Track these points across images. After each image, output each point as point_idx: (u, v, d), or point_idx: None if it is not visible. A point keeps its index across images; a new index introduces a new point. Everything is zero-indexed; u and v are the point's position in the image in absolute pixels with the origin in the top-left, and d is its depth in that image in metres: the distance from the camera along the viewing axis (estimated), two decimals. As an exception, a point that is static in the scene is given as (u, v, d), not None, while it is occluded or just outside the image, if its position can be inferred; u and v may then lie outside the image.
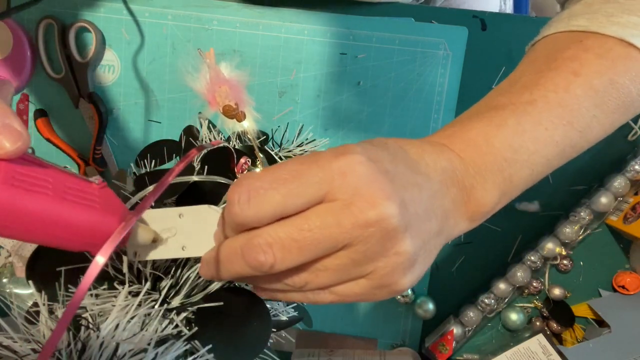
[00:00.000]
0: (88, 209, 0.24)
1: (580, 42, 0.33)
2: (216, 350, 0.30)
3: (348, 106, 0.58)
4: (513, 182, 0.30)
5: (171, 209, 0.28)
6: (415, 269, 0.26)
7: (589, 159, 0.56)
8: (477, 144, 0.29)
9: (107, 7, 0.58)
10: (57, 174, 0.24)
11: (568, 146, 0.31)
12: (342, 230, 0.23)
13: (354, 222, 0.23)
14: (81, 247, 0.25)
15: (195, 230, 0.28)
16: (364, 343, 0.61)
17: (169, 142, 0.44)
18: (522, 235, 0.58)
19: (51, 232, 0.23)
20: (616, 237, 0.57)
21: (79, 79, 0.59)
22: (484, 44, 0.56)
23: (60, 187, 0.24)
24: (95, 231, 0.25)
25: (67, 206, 0.23)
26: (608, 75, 0.31)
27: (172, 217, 0.28)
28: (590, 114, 0.31)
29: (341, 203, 0.23)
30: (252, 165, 0.37)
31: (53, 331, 0.19)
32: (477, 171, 0.29)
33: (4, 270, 0.63)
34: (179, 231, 0.28)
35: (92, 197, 0.25)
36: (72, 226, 0.24)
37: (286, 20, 0.57)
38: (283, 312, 0.40)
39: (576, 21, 0.34)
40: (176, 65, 0.59)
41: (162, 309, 0.30)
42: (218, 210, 0.28)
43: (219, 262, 0.26)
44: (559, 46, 0.34)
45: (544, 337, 0.54)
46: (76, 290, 0.19)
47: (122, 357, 0.27)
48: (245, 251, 0.24)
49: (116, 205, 0.26)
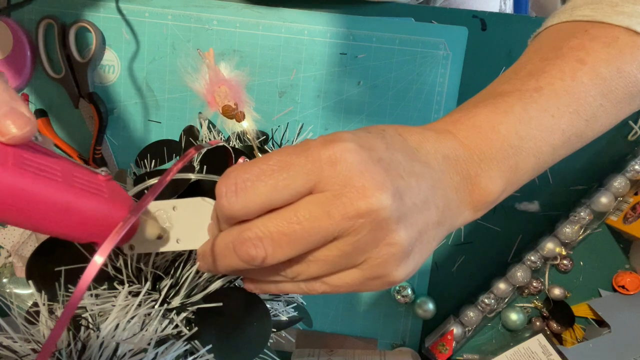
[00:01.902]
0: (96, 197, 0.24)
1: (586, 32, 0.32)
2: (216, 350, 0.30)
3: (348, 106, 0.58)
4: (518, 170, 0.29)
5: (165, 202, 0.28)
6: (410, 260, 0.25)
7: (589, 159, 0.56)
8: (483, 130, 0.28)
9: (107, 7, 0.58)
10: (64, 162, 0.24)
11: (574, 135, 0.31)
12: (332, 222, 0.22)
13: (343, 213, 0.22)
14: (89, 236, 0.25)
15: (190, 223, 0.28)
16: (364, 343, 0.61)
17: (169, 142, 0.44)
18: (522, 235, 0.58)
19: (60, 218, 0.23)
20: (616, 237, 0.57)
21: (79, 79, 0.59)
22: (484, 44, 0.56)
23: (68, 175, 0.24)
24: (104, 220, 0.24)
25: (76, 193, 0.23)
26: (615, 64, 0.31)
27: (166, 210, 0.28)
28: (597, 103, 0.31)
29: (331, 194, 0.23)
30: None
31: (52, 330, 0.19)
32: (482, 158, 0.28)
33: (4, 270, 0.63)
34: (174, 224, 0.28)
35: (100, 187, 0.25)
36: (80, 213, 0.24)
37: (286, 20, 0.57)
38: (283, 312, 0.40)
39: (580, 11, 0.33)
40: (176, 65, 0.59)
41: (162, 309, 0.30)
42: (212, 203, 0.27)
43: (214, 256, 0.26)
44: (563, 35, 0.33)
45: (544, 337, 0.54)
46: (75, 289, 0.19)
47: (122, 357, 0.27)
48: (237, 245, 0.24)
49: (123, 196, 0.26)
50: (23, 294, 0.61)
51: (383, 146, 0.25)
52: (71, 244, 0.31)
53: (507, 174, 0.29)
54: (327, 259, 0.24)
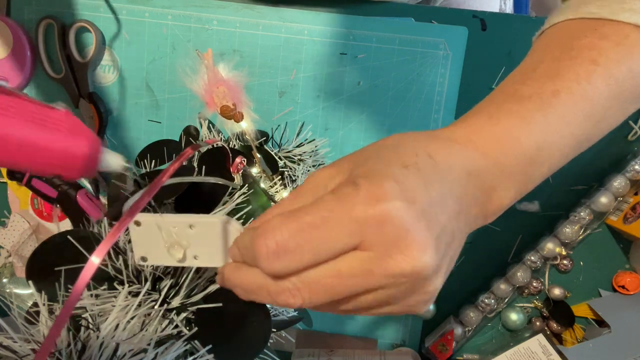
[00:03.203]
0: (53, 131, 0.25)
1: (595, 30, 0.32)
2: (216, 350, 0.30)
3: (348, 106, 0.58)
4: (531, 180, 0.30)
5: (181, 219, 0.27)
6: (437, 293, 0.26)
7: (589, 159, 0.56)
8: (504, 141, 0.28)
9: (107, 7, 0.58)
10: (22, 100, 0.25)
11: (584, 139, 0.31)
12: (373, 279, 0.23)
13: (387, 273, 0.22)
14: (51, 169, 0.26)
15: (208, 242, 0.27)
16: (364, 343, 0.61)
17: (169, 142, 0.44)
18: (522, 235, 0.58)
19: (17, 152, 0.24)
20: (616, 237, 0.57)
21: (79, 79, 0.59)
22: (484, 44, 0.56)
23: (24, 112, 0.24)
24: (63, 153, 0.25)
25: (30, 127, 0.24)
26: (626, 64, 0.30)
27: (182, 228, 0.27)
28: (607, 105, 0.30)
29: (375, 254, 0.22)
30: (247, 165, 0.37)
31: (50, 329, 0.19)
32: (501, 171, 0.28)
33: (4, 270, 0.63)
34: (191, 242, 0.28)
35: (58, 123, 0.26)
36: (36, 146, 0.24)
37: (286, 20, 0.57)
38: (283, 312, 0.40)
39: (587, 8, 0.33)
40: (176, 65, 0.59)
41: (162, 309, 0.30)
42: (233, 226, 0.27)
43: (240, 287, 0.26)
44: (573, 33, 0.33)
45: (544, 337, 0.54)
46: (72, 288, 0.19)
47: (122, 357, 0.27)
48: (273, 292, 0.24)
49: (82, 129, 0.27)
50: (23, 294, 0.62)
51: (422, 188, 0.24)
52: (71, 244, 0.31)
53: (520, 184, 0.29)
54: (361, 302, 0.24)
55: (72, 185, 0.54)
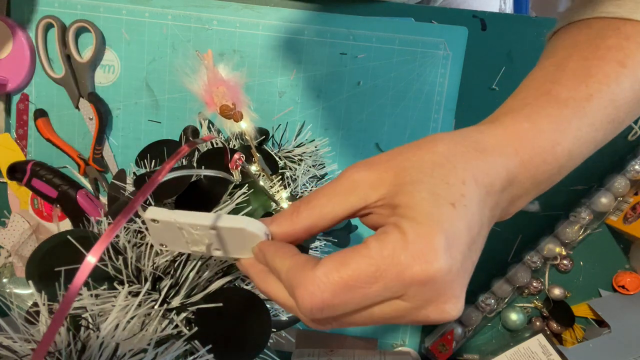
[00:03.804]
0: None
1: (618, 29, 0.31)
2: (216, 350, 0.30)
3: (348, 106, 0.58)
4: (550, 185, 0.30)
5: (203, 220, 0.27)
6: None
7: (589, 159, 0.56)
8: (544, 152, 0.28)
9: (107, 7, 0.58)
10: None
11: (601, 143, 0.31)
12: (402, 320, 0.24)
13: (416, 321, 0.24)
14: None
15: (230, 242, 0.28)
16: (364, 343, 0.61)
17: (169, 142, 0.44)
18: (522, 235, 0.58)
19: None
20: (616, 237, 0.57)
21: (79, 79, 0.59)
22: (484, 44, 0.56)
23: None
24: None
25: None
26: None
27: (203, 229, 0.27)
28: (628, 109, 0.30)
29: (411, 306, 0.24)
30: (246, 162, 0.37)
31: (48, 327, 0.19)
32: (534, 185, 0.28)
33: (4, 270, 0.63)
34: (213, 241, 0.28)
35: None
36: None
37: (286, 20, 0.57)
38: (283, 312, 0.40)
39: (604, 7, 0.32)
40: (176, 65, 0.59)
41: (162, 309, 0.30)
42: (254, 233, 0.27)
43: (264, 293, 0.27)
44: (598, 33, 0.32)
45: (544, 337, 0.54)
46: (69, 287, 0.19)
47: (122, 357, 0.27)
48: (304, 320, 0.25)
49: None
50: (23, 294, 0.62)
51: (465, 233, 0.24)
52: (71, 244, 0.31)
53: (542, 191, 0.29)
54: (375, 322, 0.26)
55: (72, 185, 0.54)
